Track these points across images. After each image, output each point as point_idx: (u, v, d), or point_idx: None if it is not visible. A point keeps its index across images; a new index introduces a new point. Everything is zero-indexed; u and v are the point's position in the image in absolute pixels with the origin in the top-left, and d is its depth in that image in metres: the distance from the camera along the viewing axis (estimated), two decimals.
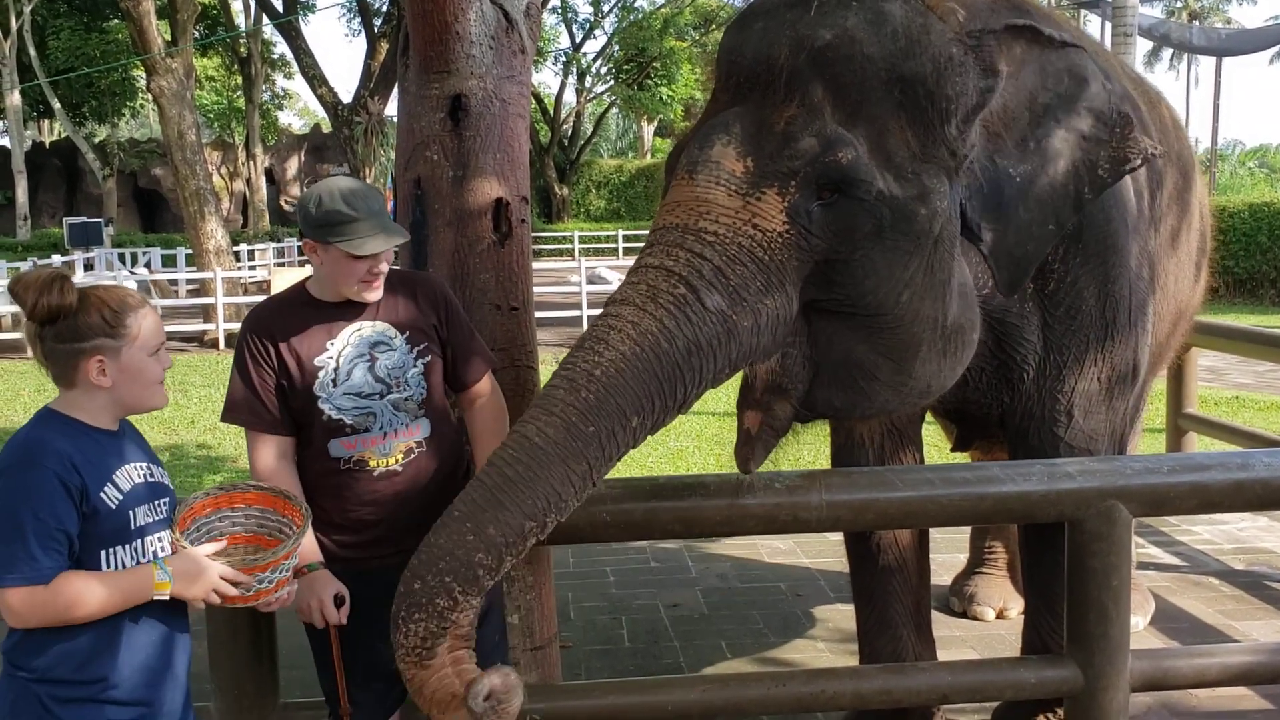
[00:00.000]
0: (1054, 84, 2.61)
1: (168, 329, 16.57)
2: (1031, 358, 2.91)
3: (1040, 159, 2.59)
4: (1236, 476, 2.80)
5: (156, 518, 2.06)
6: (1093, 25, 29.94)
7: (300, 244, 2.37)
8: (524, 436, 2.12)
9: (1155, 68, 53.25)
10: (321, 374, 2.36)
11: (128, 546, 1.99)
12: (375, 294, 2.39)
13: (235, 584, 2.03)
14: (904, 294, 2.35)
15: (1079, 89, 2.64)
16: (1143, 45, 35.48)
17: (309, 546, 2.36)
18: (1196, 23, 45.32)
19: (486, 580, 2.07)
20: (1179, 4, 47.91)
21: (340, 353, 2.37)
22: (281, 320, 2.41)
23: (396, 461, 2.39)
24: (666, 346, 2.17)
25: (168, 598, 1.98)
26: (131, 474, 2.02)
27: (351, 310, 2.40)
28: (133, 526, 2.00)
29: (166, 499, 2.10)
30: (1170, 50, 47.26)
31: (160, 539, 2.05)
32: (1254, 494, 2.83)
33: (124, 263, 23.48)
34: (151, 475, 2.07)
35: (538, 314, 3.28)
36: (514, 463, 2.09)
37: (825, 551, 5.09)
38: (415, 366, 2.41)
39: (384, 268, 2.38)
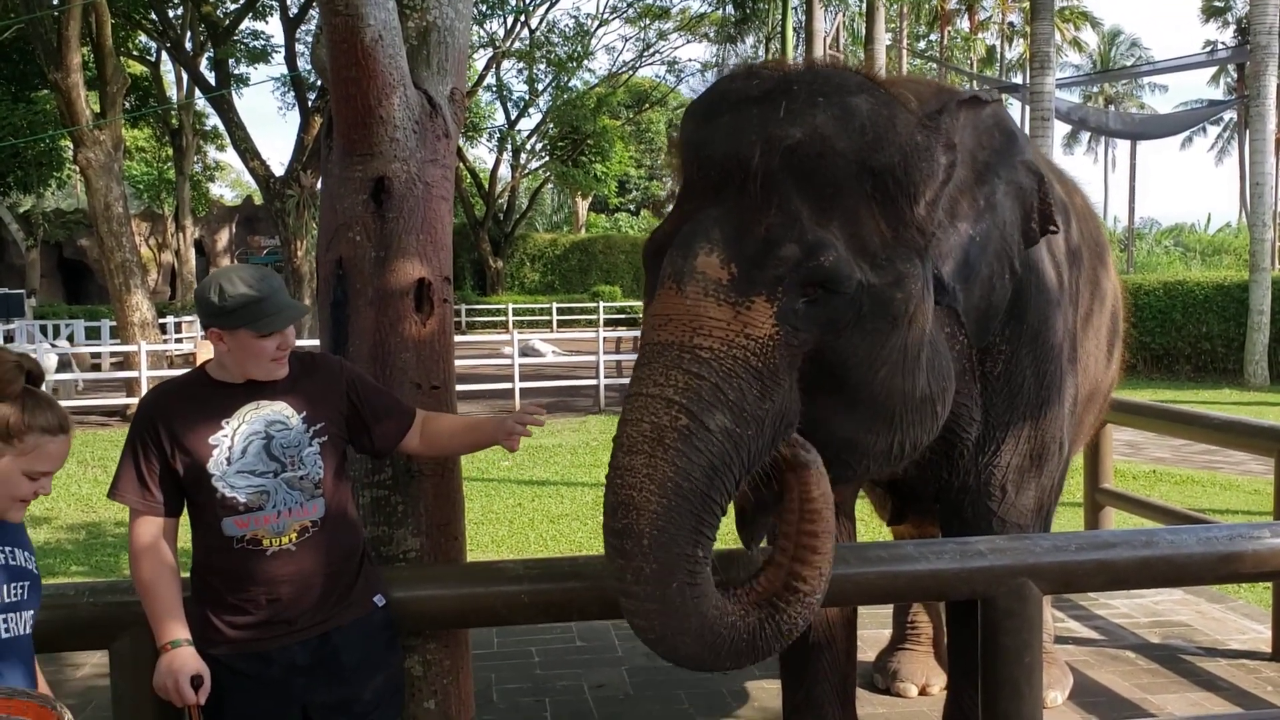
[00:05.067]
0: (988, 140, 2.71)
1: (90, 402, 15.91)
2: (973, 434, 2.97)
3: (991, 215, 2.69)
4: (1141, 554, 2.87)
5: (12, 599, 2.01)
6: (1013, 109, 30.94)
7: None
8: None
9: (1074, 150, 55.18)
10: (216, 452, 2.36)
11: None
12: (283, 370, 2.42)
13: None
14: (881, 371, 2.42)
15: (1010, 142, 2.76)
16: (1060, 129, 36.82)
17: (174, 621, 2.32)
18: (1112, 107, 47.08)
19: None
20: (1095, 89, 49.77)
21: (236, 430, 2.38)
22: (177, 402, 2.42)
23: (290, 540, 2.37)
24: (688, 485, 2.21)
25: None
26: None
27: (249, 390, 2.42)
28: None
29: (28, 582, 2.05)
30: (1088, 134, 49.03)
31: (5, 620, 1.99)
32: (1159, 571, 2.91)
33: (46, 335, 23.00)
34: (13, 559, 2.02)
35: (471, 387, 3.28)
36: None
37: None
38: (311, 445, 2.42)
39: (291, 341, 2.42)
